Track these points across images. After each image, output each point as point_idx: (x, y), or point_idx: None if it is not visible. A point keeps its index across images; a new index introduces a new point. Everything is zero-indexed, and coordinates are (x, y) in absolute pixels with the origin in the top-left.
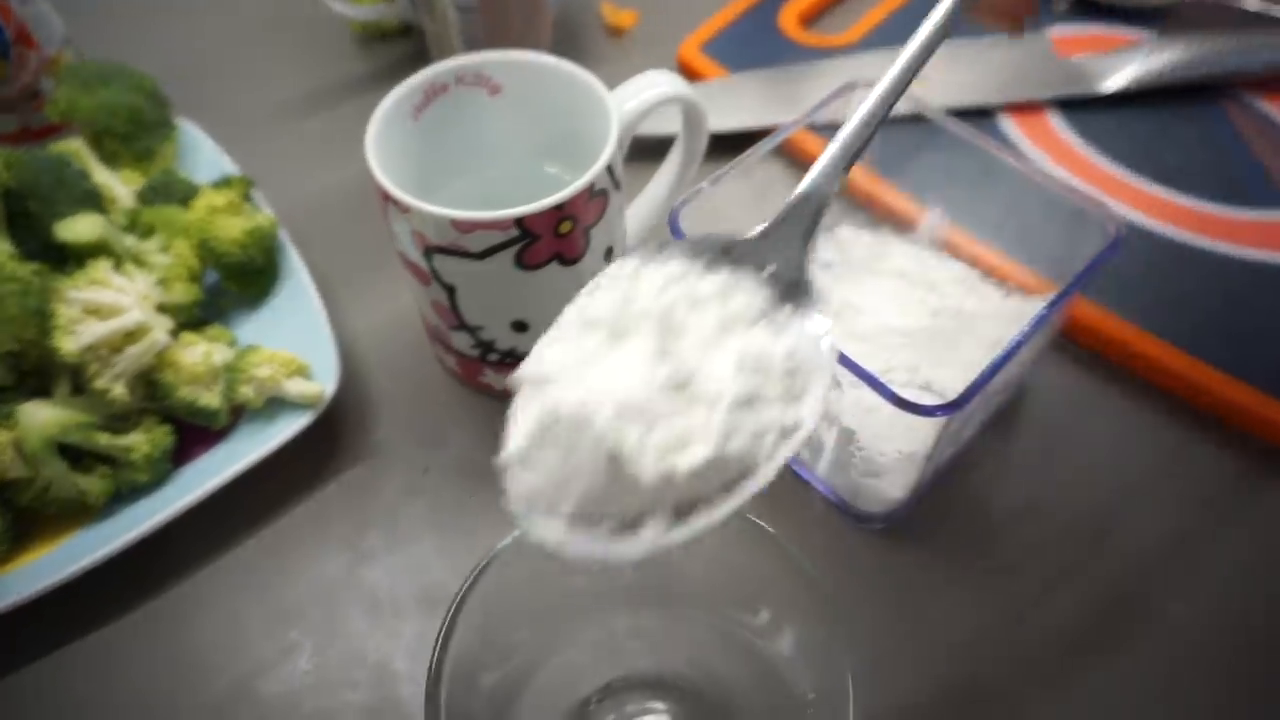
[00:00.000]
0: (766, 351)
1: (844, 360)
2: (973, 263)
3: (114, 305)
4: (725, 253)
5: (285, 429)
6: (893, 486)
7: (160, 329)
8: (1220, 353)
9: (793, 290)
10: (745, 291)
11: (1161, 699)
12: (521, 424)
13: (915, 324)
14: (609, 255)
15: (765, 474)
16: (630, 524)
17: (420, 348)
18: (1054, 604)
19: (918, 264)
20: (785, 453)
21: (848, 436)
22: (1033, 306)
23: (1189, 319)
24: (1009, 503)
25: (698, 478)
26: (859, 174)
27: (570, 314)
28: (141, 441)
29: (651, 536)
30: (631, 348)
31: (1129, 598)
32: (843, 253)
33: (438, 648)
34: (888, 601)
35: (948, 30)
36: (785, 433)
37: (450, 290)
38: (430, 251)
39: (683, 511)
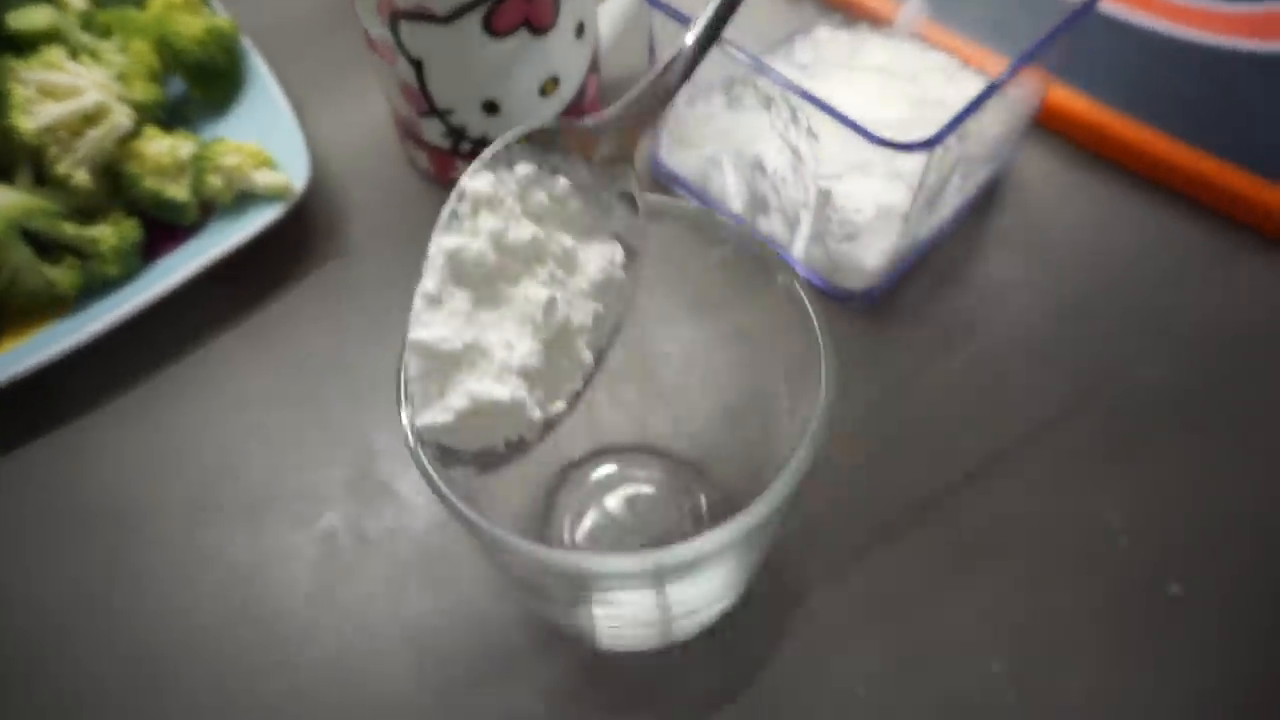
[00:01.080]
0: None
1: (817, 102)
2: (953, 53)
3: (71, 87)
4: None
5: (256, 221)
6: (871, 252)
7: (121, 113)
8: (1195, 133)
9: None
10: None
11: (1139, 460)
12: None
13: (896, 115)
14: (580, 32)
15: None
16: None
17: (392, 154)
18: (1037, 377)
19: (896, 57)
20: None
21: (824, 199)
22: (1025, 98)
23: (1167, 104)
24: (990, 283)
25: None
26: None
27: (438, 260)
28: (109, 233)
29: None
30: (502, 312)
31: (1109, 369)
32: (819, 52)
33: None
34: (869, 378)
35: None
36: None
37: (418, 66)
38: (396, 18)
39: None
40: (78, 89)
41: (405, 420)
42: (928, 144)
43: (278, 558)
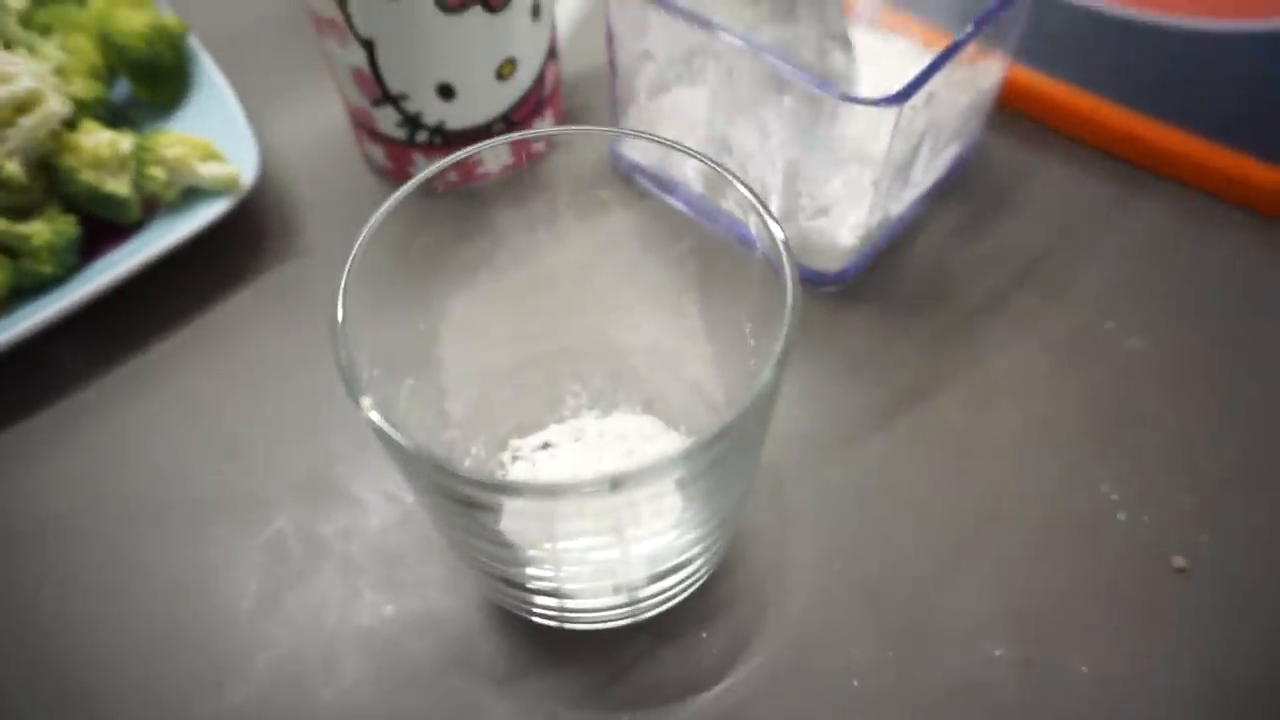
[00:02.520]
0: None
1: (785, 63)
2: (914, 38)
3: (2, 74)
4: None
5: (203, 216)
6: (843, 227)
7: (56, 101)
8: (1154, 105)
9: None
10: None
11: (1131, 431)
12: None
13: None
14: (537, 13)
15: None
16: None
17: (346, 156)
18: (1014, 348)
19: (859, 43)
20: None
21: (793, 170)
22: (989, 71)
23: (1125, 79)
24: (961, 260)
25: None
26: None
27: None
28: (42, 229)
29: None
30: None
31: (1089, 337)
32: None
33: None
34: (842, 354)
35: None
36: None
37: (369, 47)
38: None
39: None
40: (8, 75)
41: None
42: (896, 98)
43: (223, 565)
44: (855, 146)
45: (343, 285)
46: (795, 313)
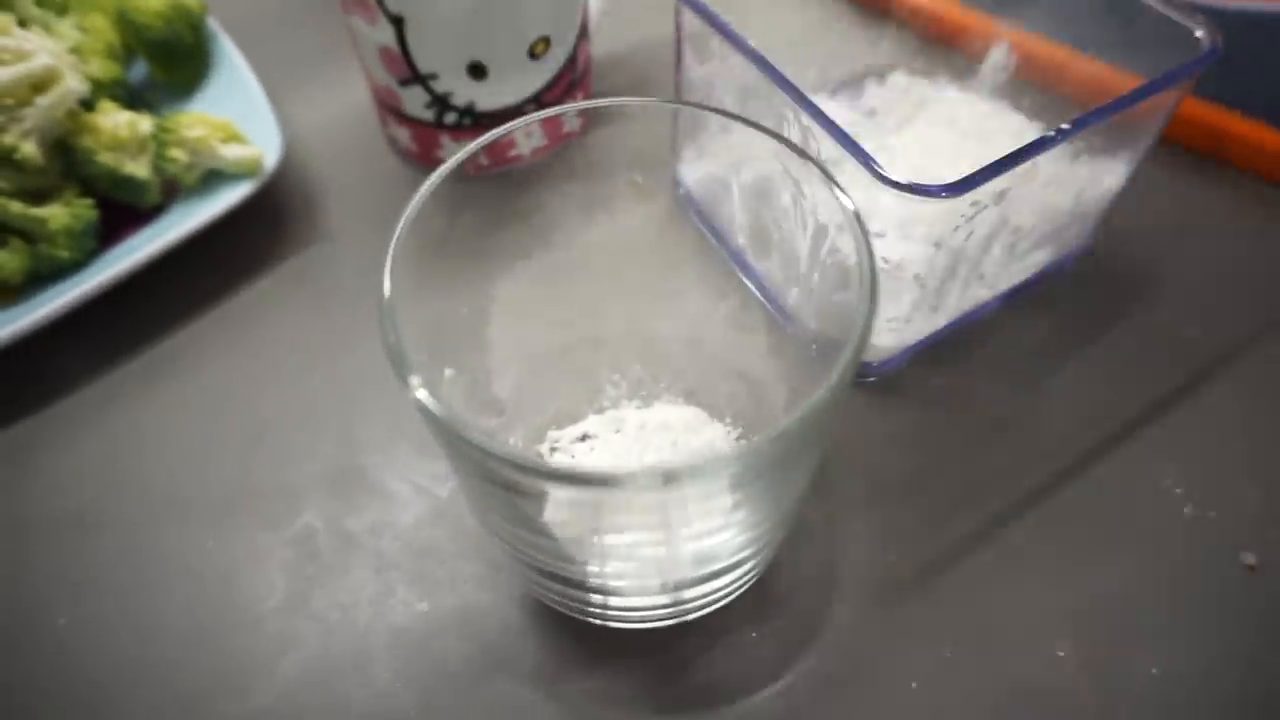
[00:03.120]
0: None
1: (826, 123)
2: (1036, 114)
3: (17, 51)
4: None
5: (225, 199)
6: (879, 316)
7: (73, 79)
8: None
9: None
10: None
11: (1190, 420)
12: None
13: (955, 176)
14: None
15: None
16: None
17: (370, 138)
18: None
19: (971, 114)
20: None
21: (821, 234)
22: (1105, 174)
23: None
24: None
25: None
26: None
27: None
28: (60, 213)
29: None
30: None
31: (1147, 326)
32: (888, 99)
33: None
34: (885, 454)
35: None
36: None
37: (398, 24)
38: None
39: None
40: (24, 53)
41: None
42: (947, 189)
43: (248, 561)
44: (899, 235)
45: (388, 263)
46: (870, 313)
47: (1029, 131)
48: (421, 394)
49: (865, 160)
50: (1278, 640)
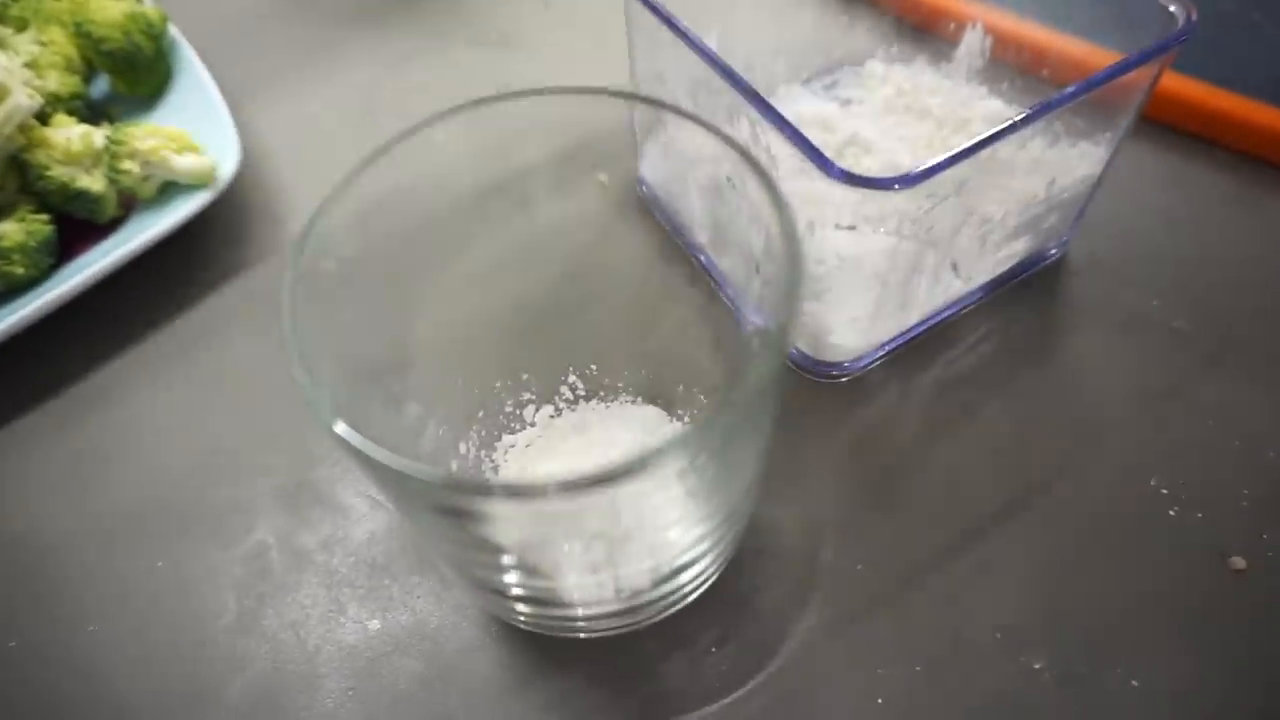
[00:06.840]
0: None
1: (770, 114)
2: (1016, 98)
3: None
4: None
5: (182, 211)
6: (840, 318)
7: (22, 93)
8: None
9: None
10: None
11: (1176, 415)
12: None
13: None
14: None
15: None
16: None
17: (333, 149)
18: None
19: (948, 101)
20: None
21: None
22: (1081, 158)
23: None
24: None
25: None
26: None
27: None
28: (15, 230)
29: None
30: None
31: (1133, 317)
32: (865, 88)
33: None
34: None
35: None
36: None
37: None
38: None
39: None
40: None
41: None
42: (900, 181)
43: (201, 580)
44: (860, 229)
45: (289, 289)
46: (797, 284)
47: (1008, 116)
48: (339, 428)
49: (811, 153)
50: (1268, 649)
